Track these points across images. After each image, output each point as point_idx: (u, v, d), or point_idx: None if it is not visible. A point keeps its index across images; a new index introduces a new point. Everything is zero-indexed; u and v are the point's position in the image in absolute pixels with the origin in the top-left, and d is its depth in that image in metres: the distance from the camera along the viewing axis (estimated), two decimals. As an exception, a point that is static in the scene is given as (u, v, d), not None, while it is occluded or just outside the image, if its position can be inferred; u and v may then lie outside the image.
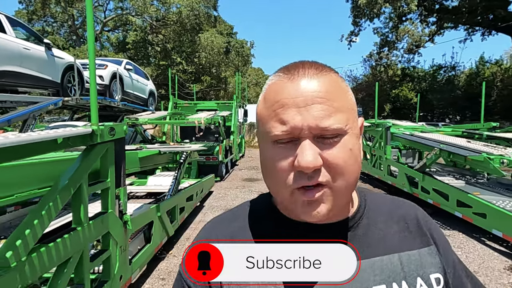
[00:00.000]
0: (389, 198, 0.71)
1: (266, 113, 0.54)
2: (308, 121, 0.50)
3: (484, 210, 4.31)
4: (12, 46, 5.67)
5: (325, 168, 0.51)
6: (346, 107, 0.53)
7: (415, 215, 0.67)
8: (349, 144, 0.52)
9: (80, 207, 2.09)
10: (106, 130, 2.30)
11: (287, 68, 0.56)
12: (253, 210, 0.67)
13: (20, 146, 1.51)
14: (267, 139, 0.54)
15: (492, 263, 3.68)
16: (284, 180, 0.52)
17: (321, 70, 0.54)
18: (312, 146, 0.50)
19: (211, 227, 0.66)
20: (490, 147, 4.98)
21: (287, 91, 0.52)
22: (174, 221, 4.21)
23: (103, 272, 2.49)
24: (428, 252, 0.62)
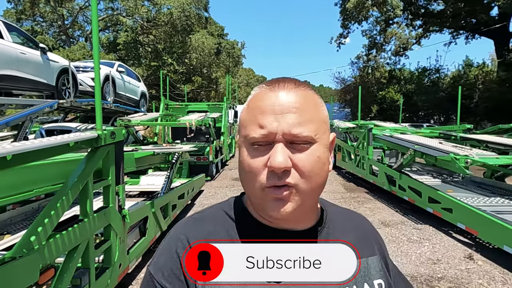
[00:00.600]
0: (344, 210, 0.78)
1: (248, 118, 0.61)
2: (283, 127, 0.56)
3: (451, 205, 4.73)
4: (10, 51, 5.89)
5: (295, 170, 0.56)
6: (317, 119, 0.59)
7: (365, 226, 0.75)
8: (317, 152, 0.58)
9: (87, 201, 2.41)
10: (108, 134, 2.62)
11: (270, 82, 0.63)
12: (226, 212, 0.68)
13: (41, 150, 1.83)
14: (245, 141, 0.60)
15: (455, 252, 4.09)
16: (258, 178, 0.57)
17: (298, 85, 0.61)
18: (284, 149, 0.56)
19: (184, 227, 0.66)
20: (459, 148, 5.41)
21: (267, 100, 0.59)
22: (167, 217, 4.53)
23: (104, 260, 2.81)
24: (373, 261, 0.68)
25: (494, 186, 6.60)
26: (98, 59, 2.49)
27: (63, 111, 9.94)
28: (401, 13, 22.35)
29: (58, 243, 2.02)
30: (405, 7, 23.30)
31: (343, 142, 10.65)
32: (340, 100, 27.27)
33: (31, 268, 1.75)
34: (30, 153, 1.73)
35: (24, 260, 1.70)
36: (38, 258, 1.81)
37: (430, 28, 25.02)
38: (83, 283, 2.34)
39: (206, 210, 0.72)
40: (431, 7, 23.91)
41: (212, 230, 0.64)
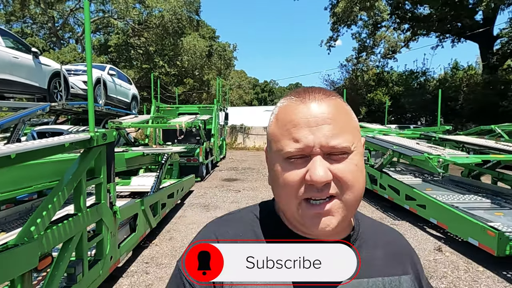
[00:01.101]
0: (378, 224, 0.75)
1: (279, 132, 0.58)
2: (320, 140, 0.54)
3: (424, 202, 5.05)
4: (3, 55, 6.05)
5: (334, 182, 0.55)
6: (351, 128, 0.58)
7: (400, 243, 0.72)
8: (354, 160, 0.56)
9: (80, 197, 2.63)
10: (100, 136, 2.85)
11: (298, 92, 0.61)
12: (255, 215, 0.68)
13: (41, 149, 2.05)
14: (279, 155, 0.58)
15: (426, 245, 4.40)
16: (295, 193, 0.55)
17: (328, 95, 0.60)
18: (323, 161, 0.54)
19: (214, 226, 0.67)
20: (433, 148, 5.72)
21: (299, 112, 0.57)
22: (156, 215, 4.75)
23: (97, 252, 3.03)
24: (406, 280, 0.65)
25: (470, 184, 6.96)
26: (90, 63, 2.72)
27: (54, 114, 10.07)
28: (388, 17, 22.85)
29: (55, 234, 2.25)
30: (392, 11, 23.83)
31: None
32: (330, 102, 27.70)
33: (31, 254, 1.97)
34: (31, 152, 1.96)
35: (25, 247, 1.92)
36: (37, 246, 2.03)
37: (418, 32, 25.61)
38: (77, 272, 2.57)
39: (237, 211, 0.72)
40: (418, 11, 24.48)
41: (241, 233, 0.64)
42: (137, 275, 3.63)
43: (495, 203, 5.45)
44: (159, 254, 4.22)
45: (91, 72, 2.70)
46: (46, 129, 8.56)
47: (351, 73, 26.81)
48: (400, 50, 27.36)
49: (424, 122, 22.09)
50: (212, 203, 6.93)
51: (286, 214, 0.62)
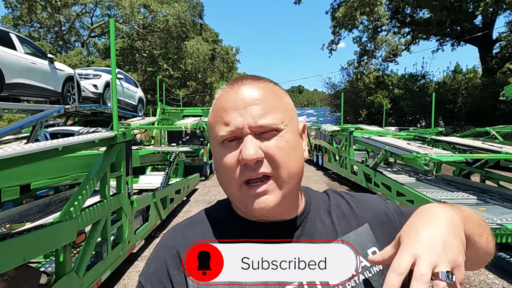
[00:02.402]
0: (323, 194, 0.76)
1: (213, 119, 0.62)
2: (248, 120, 0.57)
3: (412, 197, 5.46)
4: (22, 61, 6.52)
5: (267, 160, 0.57)
6: (280, 108, 0.60)
7: (346, 199, 0.73)
8: (285, 138, 0.58)
9: (105, 187, 3.07)
10: (121, 134, 3.29)
11: (231, 81, 0.64)
12: (212, 215, 0.69)
13: (79, 144, 2.50)
14: (215, 142, 0.61)
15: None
16: (233, 175, 0.58)
17: (258, 80, 0.63)
18: (253, 140, 0.56)
19: (171, 235, 0.67)
20: (422, 148, 6.14)
21: (229, 98, 0.60)
22: (165, 208, 5.19)
23: (117, 236, 3.47)
24: (362, 231, 0.67)
25: (460, 182, 7.35)
26: (115, 76, 3.16)
27: (65, 116, 10.55)
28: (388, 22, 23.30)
29: (87, 216, 2.68)
30: (392, 16, 24.27)
31: (329, 145, 11.38)
32: (331, 105, 28.10)
33: (71, 230, 2.41)
34: (72, 146, 2.40)
35: (67, 224, 2.36)
36: (75, 224, 2.46)
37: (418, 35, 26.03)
38: (103, 250, 3.01)
39: (193, 216, 0.72)
40: (418, 16, 24.91)
41: (200, 233, 0.64)
42: (150, 259, 4.06)
43: (481, 200, 5.84)
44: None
45: (115, 81, 3.15)
46: (58, 130, 9.01)
47: (352, 76, 27.22)
48: (400, 53, 27.81)
49: (424, 125, 22.45)
50: (216, 200, 7.28)
51: (230, 198, 0.64)
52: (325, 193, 0.77)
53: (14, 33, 6.74)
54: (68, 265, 2.39)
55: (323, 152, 12.91)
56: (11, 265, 1.79)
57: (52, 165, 2.54)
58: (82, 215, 2.58)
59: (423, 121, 23.23)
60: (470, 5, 21.19)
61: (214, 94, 0.66)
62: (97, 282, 2.87)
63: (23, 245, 1.87)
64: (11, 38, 6.47)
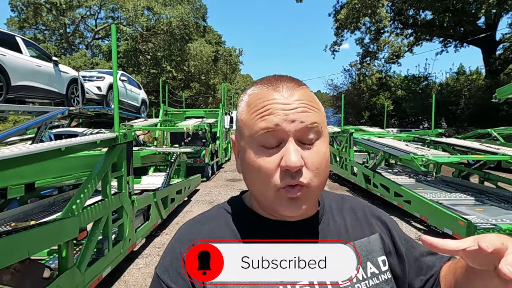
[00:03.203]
0: (341, 196, 0.79)
1: (251, 118, 0.59)
2: (295, 125, 0.56)
3: (409, 198, 5.53)
4: (27, 64, 6.65)
5: (306, 167, 0.57)
6: (320, 116, 0.61)
7: (362, 206, 0.76)
8: (323, 148, 0.60)
9: (107, 186, 3.18)
10: (122, 135, 3.40)
11: (268, 80, 0.63)
12: (228, 211, 0.70)
13: (81, 144, 2.61)
14: (253, 142, 0.59)
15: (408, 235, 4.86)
16: (271, 180, 0.57)
17: (299, 84, 0.63)
18: (296, 147, 0.56)
19: (187, 228, 0.68)
20: (420, 149, 6.21)
21: (273, 98, 0.58)
22: (166, 208, 5.30)
23: (118, 234, 3.58)
24: (375, 239, 0.69)
25: (459, 184, 7.40)
26: (116, 80, 3.28)
27: (69, 118, 10.71)
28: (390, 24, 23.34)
29: (89, 213, 2.79)
30: (394, 17, 24.30)
31: (330, 146, 11.43)
32: (333, 106, 28.15)
33: (73, 226, 2.52)
34: (75, 147, 2.51)
35: (70, 220, 2.47)
36: (77, 221, 2.57)
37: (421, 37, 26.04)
38: (104, 247, 3.12)
39: (208, 211, 0.73)
40: (420, 17, 24.91)
41: (215, 227, 0.65)
42: (151, 257, 4.17)
43: (478, 201, 5.90)
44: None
45: (116, 84, 3.26)
46: (62, 132, 9.16)
47: (355, 78, 27.27)
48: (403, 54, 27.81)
49: (426, 126, 22.44)
50: (217, 200, 7.46)
51: (260, 199, 0.62)
52: (341, 195, 0.79)
53: (19, 36, 6.90)
54: (71, 261, 2.51)
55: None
56: (16, 258, 1.90)
57: (56, 165, 2.65)
58: (84, 213, 2.69)
59: (425, 123, 23.22)
60: (473, 6, 21.16)
61: (246, 91, 0.65)
62: (98, 278, 2.98)
63: (28, 240, 1.98)
64: (17, 41, 6.61)
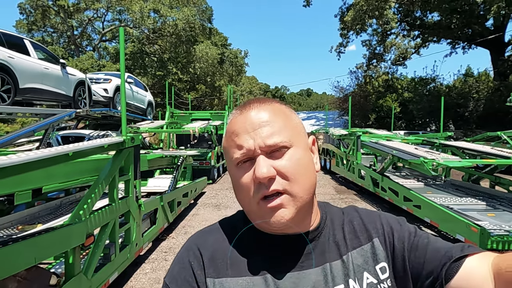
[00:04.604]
0: (341, 209, 0.80)
1: (227, 144, 0.67)
2: (258, 142, 0.61)
3: (419, 202, 5.42)
4: (35, 66, 6.68)
5: (280, 176, 0.61)
6: (288, 126, 0.65)
7: (359, 215, 0.76)
8: (295, 155, 0.63)
9: (114, 190, 3.15)
10: (129, 139, 3.37)
11: (239, 107, 0.69)
12: (232, 224, 0.73)
13: (89, 149, 2.58)
14: (231, 164, 0.66)
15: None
16: (249, 193, 0.62)
17: (264, 102, 0.67)
18: (265, 160, 0.61)
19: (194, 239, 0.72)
20: (430, 153, 6.10)
21: (239, 122, 0.65)
22: (173, 211, 5.26)
23: (125, 238, 3.54)
24: (372, 246, 0.69)
25: (469, 188, 7.27)
26: (124, 84, 3.25)
27: (76, 120, 10.75)
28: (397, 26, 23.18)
29: (96, 219, 2.76)
30: (401, 19, 24.13)
31: (336, 149, 11.36)
32: (339, 109, 28.01)
33: (80, 232, 2.48)
34: (82, 151, 2.48)
35: (77, 226, 2.43)
36: (84, 226, 2.54)
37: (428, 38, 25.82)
38: (111, 252, 3.08)
39: (215, 223, 0.76)
40: (428, 19, 24.71)
41: (219, 239, 0.70)
42: (157, 262, 4.13)
43: (490, 205, 5.78)
44: (176, 245, 4.72)
45: (124, 88, 3.23)
46: (69, 134, 9.18)
47: (361, 80, 27.10)
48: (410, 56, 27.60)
49: (434, 129, 22.21)
50: (223, 203, 7.42)
51: (250, 216, 0.67)
52: (343, 210, 0.80)
53: (27, 39, 6.94)
54: (77, 267, 2.47)
55: (330, 156, 12.88)
56: (23, 266, 1.87)
57: (63, 170, 2.62)
58: (91, 218, 2.65)
59: (433, 125, 22.99)
60: (481, 7, 20.93)
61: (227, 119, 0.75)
62: (105, 284, 2.94)
63: (34, 246, 1.94)
64: (25, 44, 6.64)
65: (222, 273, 0.64)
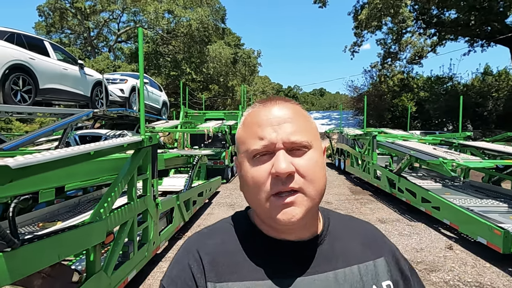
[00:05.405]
0: (347, 217, 0.80)
1: (245, 134, 0.65)
2: (282, 136, 0.61)
3: (438, 204, 5.31)
4: (55, 68, 6.82)
5: (298, 175, 0.60)
6: (309, 128, 0.65)
7: (370, 230, 0.78)
8: (314, 157, 0.63)
9: (133, 189, 3.18)
10: (147, 138, 3.40)
11: (261, 101, 0.69)
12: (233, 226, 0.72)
13: (109, 148, 2.61)
14: (246, 155, 0.64)
15: (438, 243, 4.67)
16: (263, 188, 0.60)
17: (288, 101, 0.68)
18: (286, 155, 0.60)
19: (193, 241, 0.70)
20: (449, 153, 5.96)
21: (263, 115, 0.64)
22: (188, 210, 5.29)
23: (143, 237, 3.58)
24: (380, 263, 0.70)
25: (489, 189, 7.08)
26: (142, 85, 3.28)
27: (93, 119, 10.94)
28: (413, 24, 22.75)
29: (116, 217, 2.79)
30: (417, 17, 23.67)
31: (351, 149, 11.23)
32: (353, 108, 27.70)
33: (101, 230, 2.51)
34: (103, 150, 2.51)
35: (97, 224, 2.47)
36: (105, 224, 2.57)
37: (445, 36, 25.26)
38: (129, 250, 3.11)
39: (215, 224, 0.76)
40: (445, 16, 24.18)
41: (220, 242, 0.68)
42: (174, 260, 4.16)
43: (512, 207, 5.61)
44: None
45: (143, 89, 3.26)
46: (86, 133, 9.35)
47: (376, 79, 26.72)
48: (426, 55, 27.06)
49: (451, 128, 21.72)
50: (238, 203, 7.42)
51: (257, 210, 0.65)
52: (348, 216, 0.81)
53: (47, 40, 7.09)
54: (98, 264, 2.50)
55: (345, 156, 12.75)
56: (47, 262, 1.90)
57: (84, 168, 2.67)
58: (111, 216, 2.69)
59: (450, 125, 22.49)
60: (501, 4, 20.35)
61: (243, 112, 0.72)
62: (124, 281, 2.98)
63: (58, 244, 1.98)
64: (45, 46, 6.79)
65: (224, 277, 0.63)
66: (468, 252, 4.33)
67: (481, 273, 3.71)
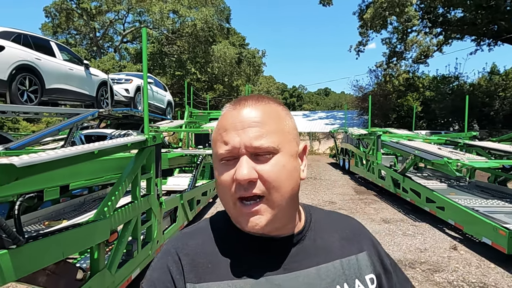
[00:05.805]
0: (330, 212, 0.81)
1: (215, 137, 0.65)
2: (244, 141, 0.60)
3: (443, 204, 5.28)
4: (61, 68, 6.89)
5: (261, 181, 0.59)
6: (279, 131, 0.62)
7: (352, 225, 0.78)
8: (281, 162, 0.61)
9: (136, 188, 3.21)
10: (151, 138, 3.43)
11: (234, 101, 0.67)
12: (214, 226, 0.72)
13: (113, 147, 2.64)
14: (216, 158, 0.64)
15: (442, 243, 4.65)
16: (228, 192, 0.61)
17: (260, 101, 0.65)
18: (248, 161, 0.59)
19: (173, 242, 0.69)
20: (454, 153, 5.92)
21: (230, 118, 0.63)
22: (192, 210, 5.32)
23: (147, 235, 3.60)
24: (363, 257, 0.71)
25: (495, 190, 7.02)
26: (146, 85, 3.30)
27: (98, 119, 11.03)
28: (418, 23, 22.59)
29: (120, 215, 2.82)
30: (423, 16, 23.51)
31: (356, 149, 11.19)
32: (358, 108, 27.58)
33: (105, 228, 2.54)
34: (107, 150, 2.54)
35: (101, 222, 2.49)
36: (109, 223, 2.60)
37: (451, 36, 25.06)
38: (133, 249, 3.14)
39: (196, 224, 0.76)
40: (451, 15, 23.99)
41: (200, 243, 0.67)
42: (178, 259, 4.19)
43: (518, 208, 5.56)
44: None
45: (147, 89, 3.29)
46: (92, 133, 9.42)
47: (381, 79, 26.58)
48: (432, 54, 26.85)
49: (457, 128, 21.55)
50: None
51: (227, 212, 0.66)
52: (328, 212, 0.81)
53: (53, 41, 7.16)
54: (102, 262, 2.53)
55: (349, 156, 12.71)
56: (52, 260, 1.93)
57: (88, 167, 2.70)
58: (115, 214, 2.71)
59: (456, 125, 22.31)
60: (508, 3, 20.15)
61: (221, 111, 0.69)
62: (127, 279, 3.01)
63: (63, 241, 2.00)
64: (51, 46, 6.86)
65: (203, 277, 0.62)
66: (472, 252, 4.31)
67: (486, 273, 3.69)
